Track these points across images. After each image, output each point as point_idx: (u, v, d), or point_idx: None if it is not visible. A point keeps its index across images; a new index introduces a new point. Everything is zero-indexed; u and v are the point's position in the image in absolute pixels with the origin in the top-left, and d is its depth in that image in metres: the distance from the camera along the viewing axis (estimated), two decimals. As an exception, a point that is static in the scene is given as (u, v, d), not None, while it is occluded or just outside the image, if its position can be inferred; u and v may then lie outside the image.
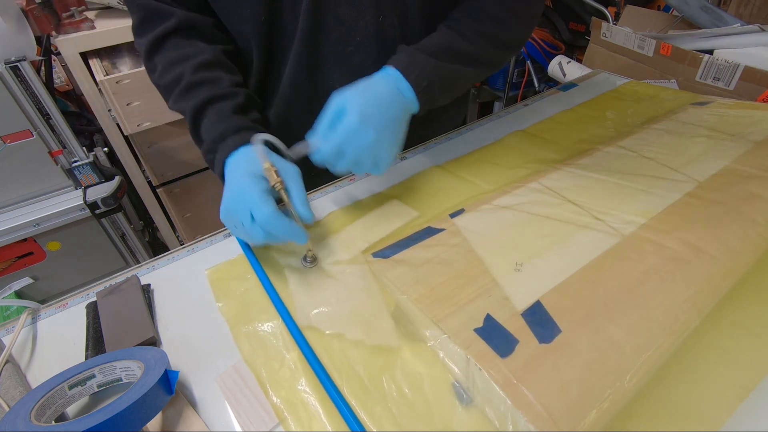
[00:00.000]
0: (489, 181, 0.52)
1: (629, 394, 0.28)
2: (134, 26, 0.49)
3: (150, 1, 0.47)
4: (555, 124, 0.65)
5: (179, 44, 0.48)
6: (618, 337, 0.31)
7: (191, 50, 0.47)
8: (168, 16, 0.47)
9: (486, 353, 0.30)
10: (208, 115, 0.46)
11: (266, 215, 0.37)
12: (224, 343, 0.37)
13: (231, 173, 0.43)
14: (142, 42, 0.49)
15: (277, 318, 0.38)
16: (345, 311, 0.37)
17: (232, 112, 0.46)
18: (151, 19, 0.48)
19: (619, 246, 0.38)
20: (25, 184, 0.90)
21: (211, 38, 0.50)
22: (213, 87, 0.47)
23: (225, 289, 0.41)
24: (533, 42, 1.33)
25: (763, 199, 0.42)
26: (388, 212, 0.49)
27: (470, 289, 0.35)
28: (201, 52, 0.48)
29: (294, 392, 0.32)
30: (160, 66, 0.48)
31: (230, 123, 0.45)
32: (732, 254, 0.37)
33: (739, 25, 0.78)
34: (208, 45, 0.49)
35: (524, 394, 0.27)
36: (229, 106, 0.46)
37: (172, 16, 0.47)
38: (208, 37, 0.50)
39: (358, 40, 0.50)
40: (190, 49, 0.48)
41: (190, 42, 0.48)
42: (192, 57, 0.47)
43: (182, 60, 0.47)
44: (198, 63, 0.47)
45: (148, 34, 0.48)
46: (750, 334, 0.33)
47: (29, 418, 0.27)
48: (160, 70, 0.48)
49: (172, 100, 0.48)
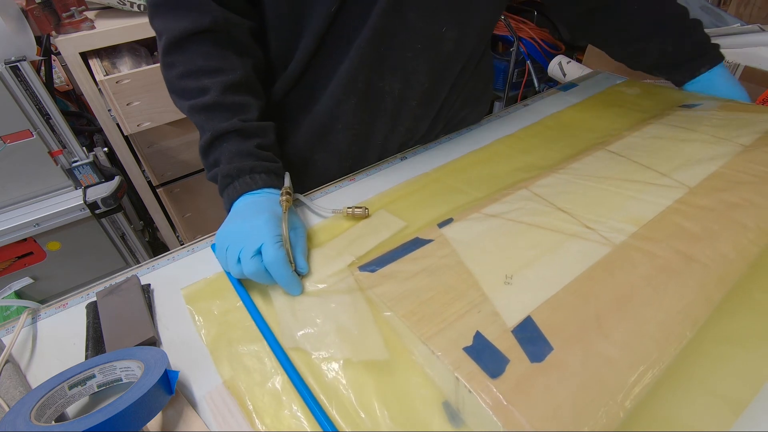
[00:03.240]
0: (478, 188, 0.51)
1: (623, 413, 0.27)
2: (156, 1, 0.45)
3: None
4: (544, 128, 0.65)
5: (209, 53, 0.45)
6: (611, 353, 0.30)
7: (221, 64, 0.46)
8: (203, 12, 0.44)
9: (476, 374, 0.29)
10: (232, 142, 0.45)
11: (274, 256, 0.37)
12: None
13: (248, 206, 0.43)
14: (164, 27, 0.45)
15: (261, 340, 0.36)
16: (332, 329, 0.36)
17: (262, 149, 0.47)
18: (183, 5, 0.44)
19: (610, 256, 0.38)
20: (25, 184, 0.90)
21: (243, 48, 0.48)
22: (241, 114, 0.46)
23: (204, 311, 0.39)
24: (533, 42, 1.33)
25: (753, 205, 0.42)
26: (375, 223, 0.47)
27: (459, 304, 0.35)
28: (231, 69, 0.46)
29: (280, 418, 0.31)
30: (182, 67, 0.45)
31: (260, 161, 0.46)
32: (724, 262, 0.37)
33: (739, 25, 0.78)
34: (239, 58, 0.47)
35: (516, 417, 0.27)
36: (257, 143, 0.46)
37: (208, 13, 0.44)
38: (241, 47, 0.48)
39: (418, 48, 0.50)
40: (220, 62, 0.46)
41: (220, 52, 0.46)
42: (221, 73, 0.45)
43: (210, 73, 0.45)
44: (227, 82, 0.45)
45: (174, 21, 0.44)
46: (742, 347, 0.33)
47: (29, 418, 0.27)
48: (180, 72, 0.46)
49: (189, 108, 0.46)
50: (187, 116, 0.48)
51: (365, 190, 0.53)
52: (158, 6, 0.45)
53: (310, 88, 0.54)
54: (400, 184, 0.54)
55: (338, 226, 0.48)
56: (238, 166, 0.45)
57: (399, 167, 0.58)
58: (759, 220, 0.40)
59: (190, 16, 0.44)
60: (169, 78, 0.47)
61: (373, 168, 0.58)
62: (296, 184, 0.50)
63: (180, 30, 0.44)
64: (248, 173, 0.45)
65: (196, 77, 0.45)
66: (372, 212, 0.48)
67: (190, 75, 0.45)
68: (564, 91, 0.77)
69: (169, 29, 0.45)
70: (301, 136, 0.57)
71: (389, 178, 0.55)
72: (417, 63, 0.52)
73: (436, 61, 0.53)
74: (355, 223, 0.47)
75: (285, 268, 0.38)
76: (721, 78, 0.64)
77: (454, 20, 0.50)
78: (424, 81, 0.54)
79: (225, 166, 0.45)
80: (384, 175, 0.56)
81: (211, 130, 0.45)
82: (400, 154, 0.61)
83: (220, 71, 0.45)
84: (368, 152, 0.59)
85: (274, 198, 0.44)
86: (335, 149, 0.57)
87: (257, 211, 0.41)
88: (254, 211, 0.42)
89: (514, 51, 1.33)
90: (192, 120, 0.47)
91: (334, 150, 0.57)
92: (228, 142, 0.46)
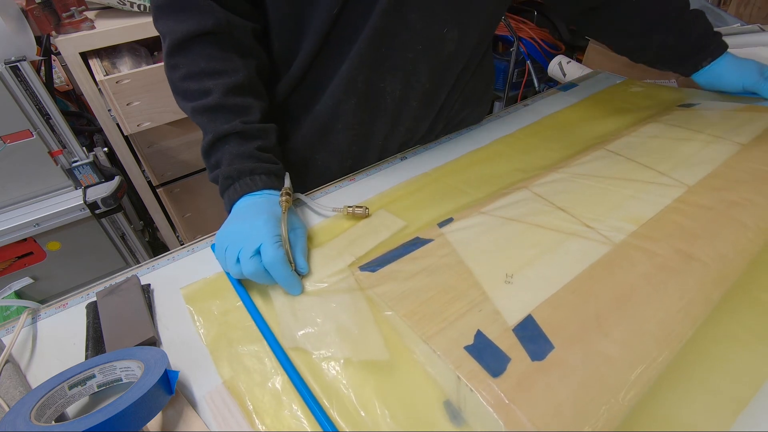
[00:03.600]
0: (478, 188, 0.51)
1: (624, 411, 0.27)
2: (160, 3, 0.45)
3: None
4: (544, 128, 0.65)
5: (212, 55, 0.45)
6: (612, 351, 0.30)
7: (224, 66, 0.46)
8: (206, 14, 0.44)
9: (477, 373, 0.29)
10: (233, 144, 0.46)
11: (273, 256, 0.38)
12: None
13: (248, 207, 0.43)
14: (168, 29, 0.45)
15: (261, 340, 0.36)
16: (332, 329, 0.36)
17: (263, 151, 0.47)
18: (186, 8, 0.44)
19: (610, 254, 0.38)
20: (25, 184, 0.90)
21: (246, 50, 0.48)
22: (243, 116, 0.46)
23: (204, 311, 0.39)
24: (533, 42, 1.33)
25: (752, 203, 0.42)
26: (375, 223, 0.47)
27: (460, 303, 0.35)
28: (233, 71, 0.46)
29: (280, 418, 0.31)
30: (185, 69, 0.46)
31: (261, 163, 0.46)
32: (724, 260, 0.37)
33: (739, 25, 0.79)
34: (242, 60, 0.47)
35: (517, 416, 0.27)
36: (258, 146, 0.47)
37: (211, 15, 0.44)
38: (244, 49, 0.48)
39: (419, 48, 0.50)
40: (223, 64, 0.46)
41: (223, 54, 0.46)
42: (224, 75, 0.46)
43: (212, 75, 0.45)
44: (229, 84, 0.45)
45: (177, 23, 0.44)
46: (742, 345, 0.33)
47: (29, 418, 0.27)
48: (184, 74, 0.46)
49: (192, 109, 0.47)
50: (188, 116, 0.48)
51: (365, 190, 0.53)
52: (162, 9, 0.45)
53: (312, 89, 0.54)
54: (400, 184, 0.54)
55: (338, 226, 0.48)
56: (238, 168, 0.45)
57: (399, 167, 0.58)
58: (758, 219, 0.40)
59: (193, 19, 0.44)
60: (173, 80, 0.47)
61: (373, 168, 0.58)
62: (297, 183, 0.50)
63: (183, 32, 0.44)
64: (248, 175, 0.45)
65: (199, 79, 0.45)
66: (372, 212, 0.48)
67: (192, 77, 0.46)
68: (564, 91, 0.77)
69: (172, 31, 0.45)
70: (302, 136, 0.57)
71: (389, 178, 0.55)
72: (418, 63, 0.52)
73: (437, 62, 0.53)
74: (355, 223, 0.47)
75: (284, 268, 0.38)
76: (728, 69, 0.64)
77: (455, 21, 0.50)
78: (424, 81, 0.54)
79: (226, 168, 0.45)
80: (384, 175, 0.56)
81: (212, 131, 0.45)
82: (400, 154, 0.61)
83: (222, 73, 0.46)
84: (368, 152, 0.59)
85: (273, 199, 0.45)
86: (336, 149, 0.57)
87: (257, 212, 0.42)
88: (254, 211, 0.42)
89: (514, 51, 1.33)
90: (195, 121, 0.48)
91: (334, 150, 0.57)
92: (229, 144, 0.46)
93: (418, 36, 0.49)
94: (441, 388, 0.31)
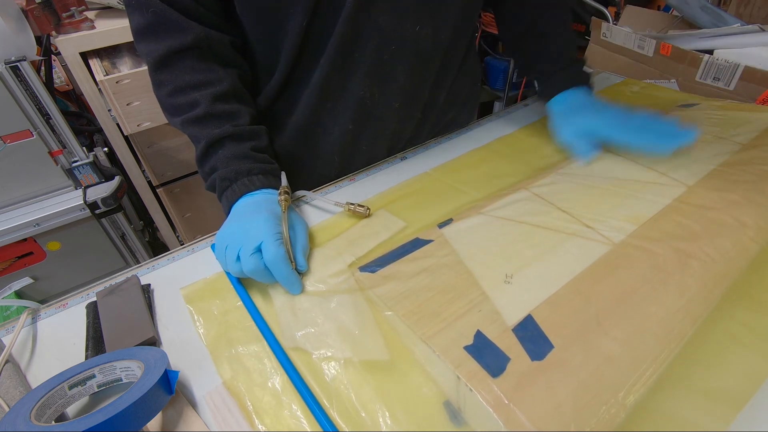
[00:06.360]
0: (478, 188, 0.51)
1: (624, 411, 0.27)
2: (139, 28, 0.46)
3: (168, 9, 0.44)
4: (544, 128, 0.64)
5: (194, 67, 0.46)
6: (612, 351, 0.30)
7: (208, 77, 0.47)
8: (184, 31, 0.45)
9: (477, 373, 0.29)
10: (227, 147, 0.46)
11: (274, 254, 0.38)
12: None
13: (247, 207, 0.43)
14: (148, 50, 0.46)
15: (261, 340, 0.36)
16: (332, 329, 0.36)
17: (258, 151, 0.48)
18: (164, 28, 0.45)
19: (610, 254, 0.38)
20: (25, 184, 0.90)
21: (227, 60, 0.49)
22: (233, 120, 0.47)
23: (204, 311, 0.39)
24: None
25: (752, 202, 0.42)
26: (375, 223, 0.47)
27: (460, 303, 0.35)
28: (218, 81, 0.47)
29: (280, 418, 0.31)
30: (171, 86, 0.47)
31: (257, 163, 0.47)
32: (723, 260, 0.37)
33: (739, 25, 0.78)
34: (224, 69, 0.48)
35: (517, 416, 0.27)
36: (252, 146, 0.47)
37: (189, 31, 0.45)
38: (224, 59, 0.49)
39: (393, 49, 0.50)
40: (207, 75, 0.47)
41: (206, 65, 0.47)
42: (209, 85, 0.46)
43: (198, 86, 0.46)
44: (215, 93, 0.46)
45: (157, 43, 0.45)
46: (742, 344, 0.33)
47: (29, 418, 0.27)
48: (170, 90, 0.47)
49: (182, 123, 0.47)
50: (181, 131, 0.49)
51: (365, 190, 0.53)
52: (141, 32, 0.46)
53: (291, 97, 0.54)
54: (400, 184, 0.54)
55: (338, 226, 0.48)
56: (235, 169, 0.45)
57: (399, 167, 0.58)
58: (758, 218, 0.40)
59: (172, 37, 0.45)
60: (160, 97, 0.48)
61: (373, 168, 0.58)
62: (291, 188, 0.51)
63: (164, 49, 0.45)
64: (246, 175, 0.45)
65: (185, 92, 0.46)
66: (372, 212, 0.48)
67: (179, 91, 0.46)
68: (564, 91, 0.76)
69: (153, 50, 0.46)
70: (289, 143, 0.57)
71: (389, 178, 0.55)
72: (394, 64, 0.51)
73: (414, 61, 0.52)
74: (355, 223, 0.47)
75: (285, 266, 0.38)
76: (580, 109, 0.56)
77: (427, 17, 0.49)
78: (403, 81, 0.53)
79: (222, 170, 0.45)
80: (384, 175, 0.56)
81: (205, 138, 0.46)
82: (400, 154, 0.61)
83: (207, 84, 0.47)
84: (356, 157, 0.59)
85: (272, 198, 0.45)
86: (321, 155, 0.58)
87: (257, 211, 0.42)
88: (254, 210, 0.42)
89: (514, 51, 1.33)
90: (186, 133, 0.48)
91: (320, 155, 0.58)
92: (223, 147, 0.46)
93: (390, 37, 0.49)
94: (441, 388, 0.31)
